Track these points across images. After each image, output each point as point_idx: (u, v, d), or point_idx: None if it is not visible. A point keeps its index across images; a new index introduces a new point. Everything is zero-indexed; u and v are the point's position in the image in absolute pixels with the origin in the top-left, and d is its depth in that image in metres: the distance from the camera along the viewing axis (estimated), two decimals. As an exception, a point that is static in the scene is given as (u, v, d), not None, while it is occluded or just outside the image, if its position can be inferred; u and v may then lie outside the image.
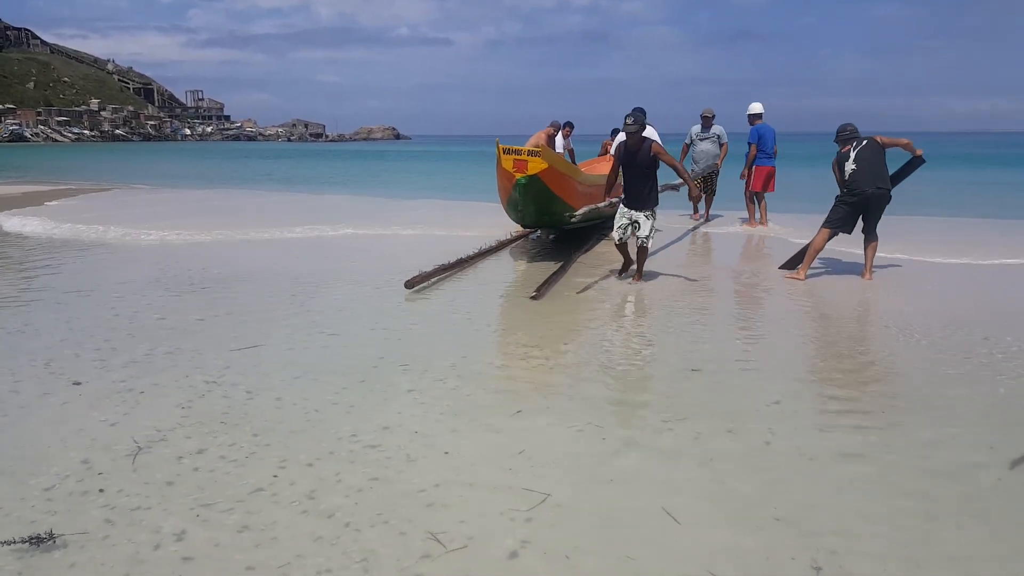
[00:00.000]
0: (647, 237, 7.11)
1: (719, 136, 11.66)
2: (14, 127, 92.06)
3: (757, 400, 4.09)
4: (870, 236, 7.60)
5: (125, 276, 7.50)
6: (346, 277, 7.51)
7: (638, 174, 7.00)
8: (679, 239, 10.57)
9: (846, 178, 7.44)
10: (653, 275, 7.59)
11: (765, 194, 11.27)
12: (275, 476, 3.15)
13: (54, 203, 15.91)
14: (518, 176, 8.17)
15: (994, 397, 4.18)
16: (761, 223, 11.37)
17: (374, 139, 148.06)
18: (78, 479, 3.11)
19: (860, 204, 7.41)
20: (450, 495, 3.02)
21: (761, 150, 10.98)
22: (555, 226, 9.45)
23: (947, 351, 5.04)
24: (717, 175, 11.98)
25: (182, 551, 2.60)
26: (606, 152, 13.16)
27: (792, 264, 7.98)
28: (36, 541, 2.59)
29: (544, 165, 8.02)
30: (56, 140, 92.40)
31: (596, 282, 7.31)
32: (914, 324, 5.70)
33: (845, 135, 7.66)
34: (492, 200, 10.54)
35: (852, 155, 7.40)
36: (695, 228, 11.67)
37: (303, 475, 3.17)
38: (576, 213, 8.61)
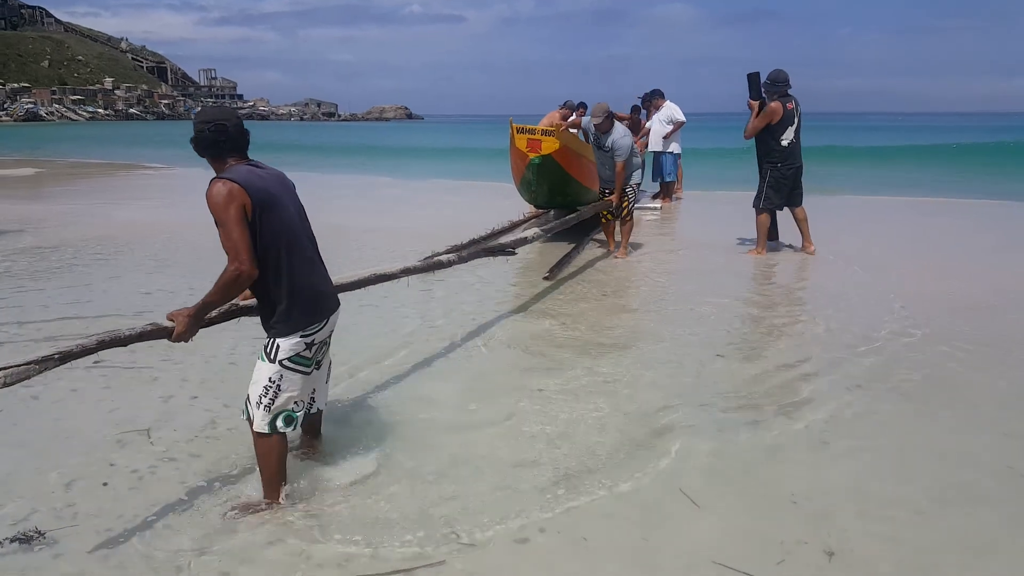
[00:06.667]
0: (247, 404, 2.78)
1: (613, 148, 7.34)
2: (29, 106, 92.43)
3: (773, 385, 4.08)
4: (799, 206, 7.50)
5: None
6: (356, 257, 7.52)
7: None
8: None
9: (783, 146, 7.19)
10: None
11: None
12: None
13: None
14: (532, 156, 8.11)
15: (1011, 384, 4.14)
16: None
17: (386, 119, 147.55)
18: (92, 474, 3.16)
19: (793, 177, 7.33)
20: (467, 473, 3.04)
21: None
22: (568, 207, 9.40)
23: (946, 337, 4.96)
24: (623, 207, 7.60)
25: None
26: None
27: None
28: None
29: (558, 145, 7.96)
30: (71, 119, 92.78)
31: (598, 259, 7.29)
32: (915, 304, 5.62)
33: (784, 87, 7.14)
34: (506, 180, 10.49)
35: (796, 122, 7.16)
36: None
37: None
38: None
